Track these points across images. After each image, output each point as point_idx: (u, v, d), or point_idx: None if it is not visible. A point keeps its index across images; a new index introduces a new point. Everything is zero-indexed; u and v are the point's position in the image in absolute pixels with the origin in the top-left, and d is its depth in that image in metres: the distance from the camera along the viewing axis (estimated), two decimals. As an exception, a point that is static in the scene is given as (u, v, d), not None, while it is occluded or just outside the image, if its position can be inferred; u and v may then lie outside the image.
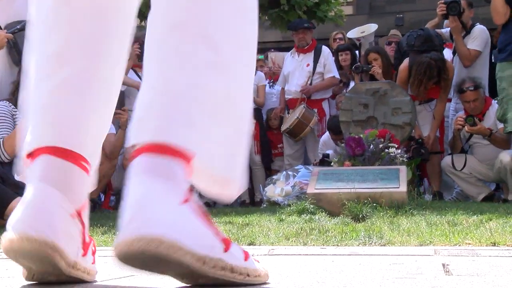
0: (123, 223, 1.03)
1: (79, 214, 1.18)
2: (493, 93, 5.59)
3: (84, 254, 1.20)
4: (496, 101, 5.21)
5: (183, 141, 1.06)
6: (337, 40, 7.51)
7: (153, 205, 1.02)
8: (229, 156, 1.15)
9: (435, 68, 5.30)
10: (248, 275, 1.13)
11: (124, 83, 6.01)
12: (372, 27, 7.24)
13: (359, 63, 5.97)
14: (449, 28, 6.00)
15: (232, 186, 1.17)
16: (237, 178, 1.18)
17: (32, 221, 1.08)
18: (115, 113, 5.48)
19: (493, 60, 5.89)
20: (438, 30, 6.18)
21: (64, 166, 1.17)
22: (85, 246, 1.21)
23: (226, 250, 1.09)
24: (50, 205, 1.12)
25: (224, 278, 1.08)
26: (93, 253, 1.28)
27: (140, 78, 6.10)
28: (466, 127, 5.25)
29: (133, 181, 1.05)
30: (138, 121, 1.10)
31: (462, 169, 5.34)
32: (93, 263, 1.27)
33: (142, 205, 1.02)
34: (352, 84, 6.15)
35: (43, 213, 1.10)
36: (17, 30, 4.07)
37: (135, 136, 1.09)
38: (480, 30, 5.87)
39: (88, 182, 1.23)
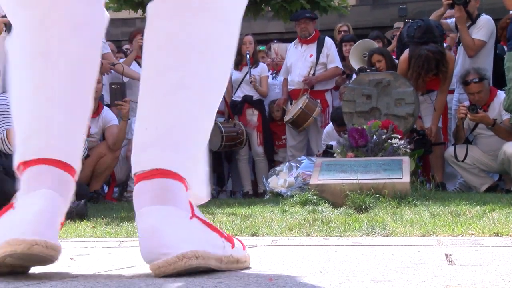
0: (143, 254, 1.15)
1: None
2: (497, 83, 5.57)
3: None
4: (503, 91, 5.19)
5: (177, 166, 1.19)
6: (342, 32, 7.49)
7: (166, 229, 1.13)
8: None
9: (433, 60, 5.28)
10: (245, 262, 1.31)
11: (126, 75, 6.02)
12: (371, 43, 6.84)
13: (363, 66, 5.94)
14: (454, 19, 5.98)
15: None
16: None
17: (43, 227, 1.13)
18: (118, 104, 5.52)
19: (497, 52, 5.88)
20: (442, 21, 6.15)
21: (64, 177, 1.22)
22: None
23: (233, 246, 1.25)
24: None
25: (235, 269, 1.25)
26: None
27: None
28: (468, 115, 5.23)
29: (142, 213, 1.16)
30: (136, 153, 1.23)
31: (463, 160, 5.33)
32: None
33: (156, 233, 1.13)
34: (355, 75, 6.13)
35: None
36: None
37: (136, 165, 1.21)
38: (485, 20, 5.84)
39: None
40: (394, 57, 6.21)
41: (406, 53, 5.51)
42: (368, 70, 5.57)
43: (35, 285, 1.09)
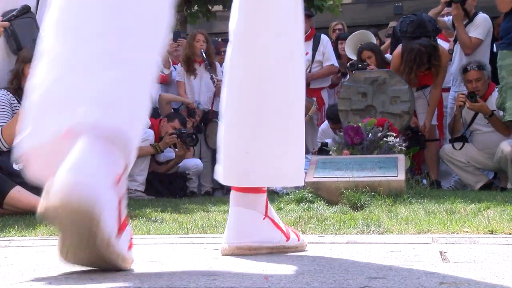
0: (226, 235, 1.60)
1: (118, 181, 1.09)
2: (494, 81, 5.59)
3: (118, 235, 1.08)
4: (497, 88, 5.21)
5: (262, 183, 1.61)
6: (336, 31, 7.49)
7: (241, 227, 1.57)
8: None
9: (425, 54, 5.29)
10: (296, 247, 1.66)
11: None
12: (370, 36, 6.79)
13: (354, 61, 5.94)
14: (451, 17, 5.99)
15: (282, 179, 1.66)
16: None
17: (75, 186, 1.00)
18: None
19: (494, 50, 5.90)
20: (439, 19, 6.15)
21: None
22: (120, 225, 1.09)
23: (288, 239, 1.63)
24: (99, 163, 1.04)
25: (284, 252, 1.59)
26: (130, 239, 1.17)
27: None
28: (467, 103, 5.23)
29: (235, 210, 1.59)
30: (234, 169, 1.59)
31: (461, 148, 5.33)
32: (129, 249, 1.16)
33: (237, 226, 1.57)
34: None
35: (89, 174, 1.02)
36: (13, 17, 4.04)
37: (231, 179, 1.61)
38: (482, 19, 5.86)
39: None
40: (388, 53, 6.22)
41: (399, 48, 5.52)
42: (359, 66, 5.58)
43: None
